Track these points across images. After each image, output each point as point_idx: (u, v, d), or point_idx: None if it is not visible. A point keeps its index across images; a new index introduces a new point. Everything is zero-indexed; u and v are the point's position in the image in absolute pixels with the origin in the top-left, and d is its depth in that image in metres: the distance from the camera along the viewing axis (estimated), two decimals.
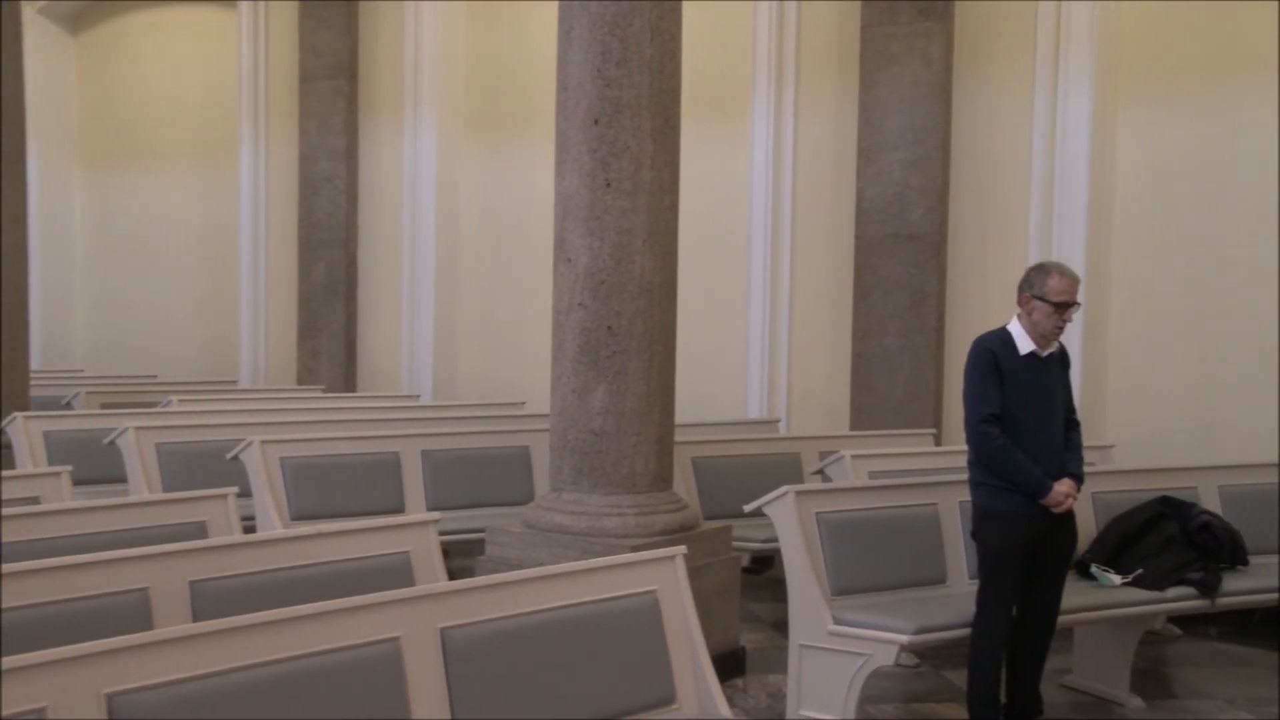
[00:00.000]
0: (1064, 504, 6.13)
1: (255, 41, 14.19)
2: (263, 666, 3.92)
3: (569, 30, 7.07)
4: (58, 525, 6.00)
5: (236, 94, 14.41)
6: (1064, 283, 6.12)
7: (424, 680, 4.28)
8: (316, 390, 12.95)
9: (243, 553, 5.41)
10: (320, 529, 5.88)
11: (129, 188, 15.90)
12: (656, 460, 7.11)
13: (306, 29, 13.58)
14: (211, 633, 3.91)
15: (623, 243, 6.93)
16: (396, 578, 5.52)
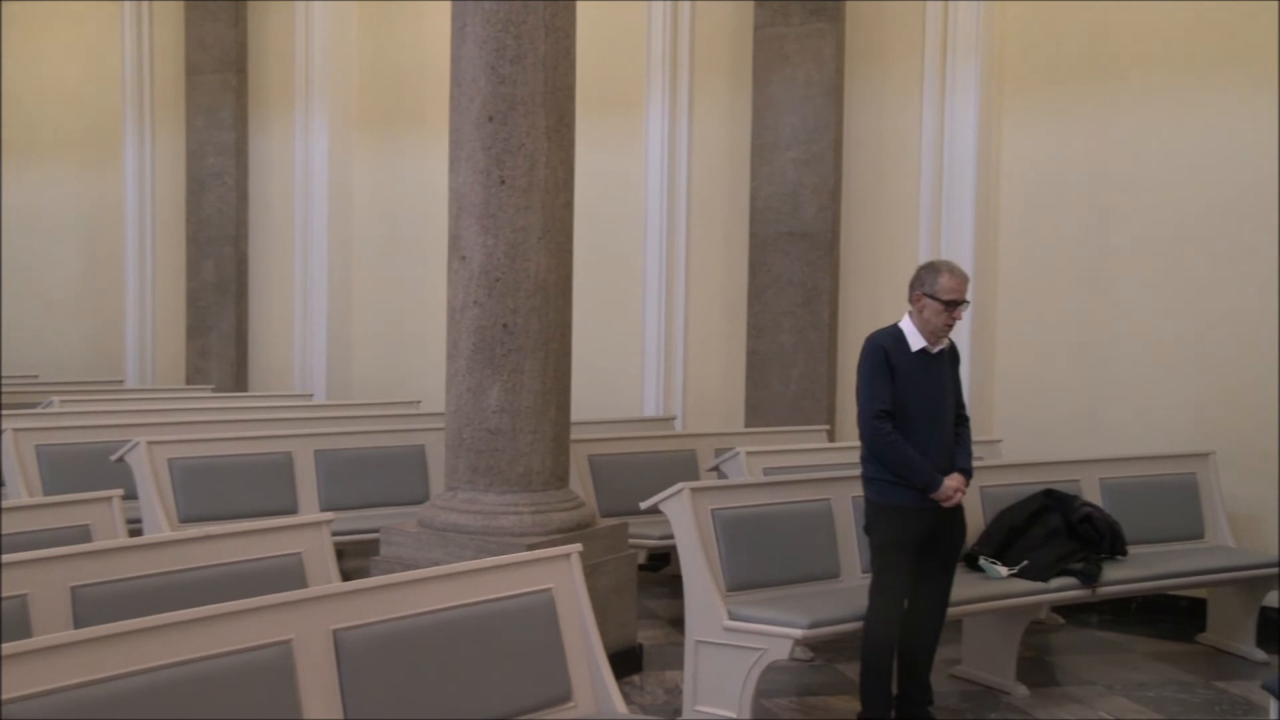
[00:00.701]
0: (953, 498, 6.21)
1: (139, 33, 13.97)
2: (150, 672, 3.85)
3: (463, 26, 7.05)
4: None
5: (120, 87, 14.18)
6: (954, 281, 6.19)
7: (316, 683, 4.24)
8: (206, 390, 12.76)
9: (128, 557, 5.31)
10: (209, 531, 5.80)
11: (7, 181, 15.55)
12: (552, 458, 7.11)
13: (193, 21, 13.40)
14: (94, 639, 3.82)
15: (518, 240, 6.92)
16: (289, 580, 5.47)
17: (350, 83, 12.99)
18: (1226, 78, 9.03)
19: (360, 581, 4.66)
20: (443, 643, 4.58)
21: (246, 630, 4.13)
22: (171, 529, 7.75)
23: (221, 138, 13.27)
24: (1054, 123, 9.67)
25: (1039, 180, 9.72)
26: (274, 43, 13.14)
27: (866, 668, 6.31)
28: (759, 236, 10.20)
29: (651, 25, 10.93)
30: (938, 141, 9.78)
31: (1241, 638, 8.27)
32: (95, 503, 6.38)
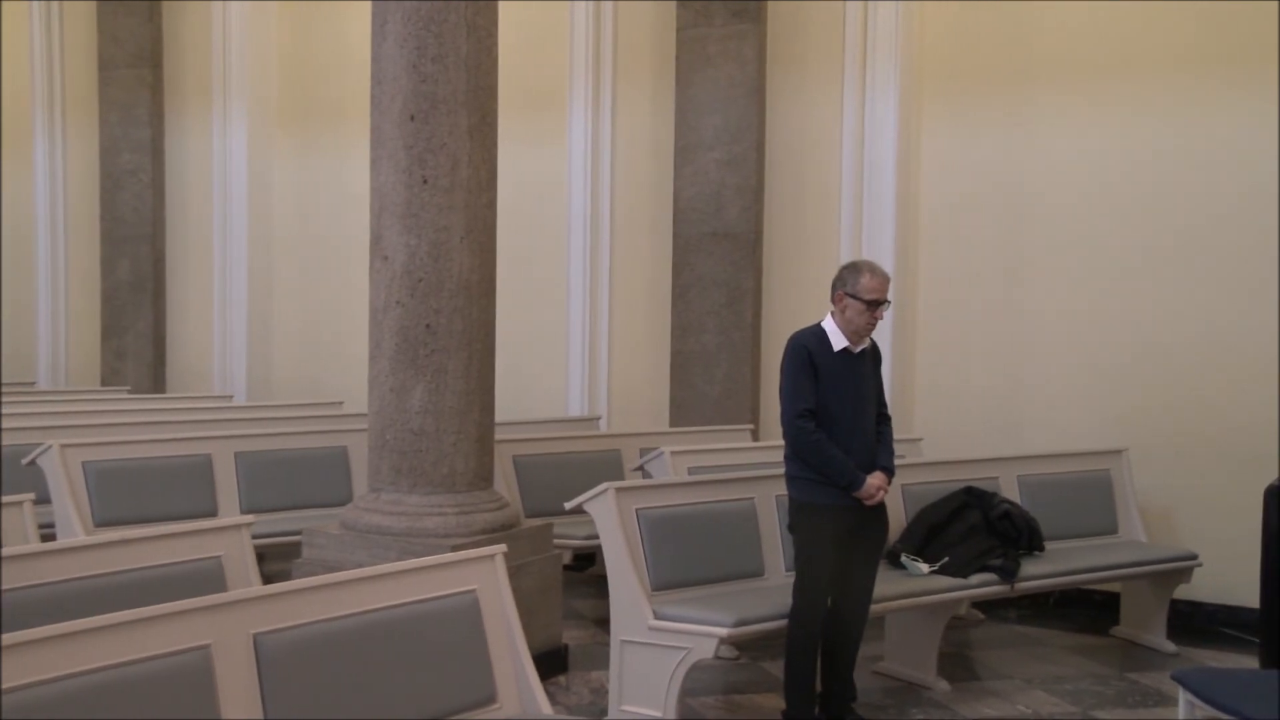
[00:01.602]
0: (876, 496, 6.24)
1: (49, 27, 13.80)
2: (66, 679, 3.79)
3: (384, 24, 7.02)
4: None
5: (29, 83, 14.00)
6: (875, 281, 6.22)
7: (236, 688, 4.20)
8: (122, 391, 12.63)
9: (41, 562, 5.22)
10: (126, 535, 5.72)
11: None
12: (476, 459, 7.09)
13: (105, 15, 13.24)
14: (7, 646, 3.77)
15: (440, 240, 6.90)
16: (208, 584, 5.42)
17: (269, 79, 12.90)
18: (1137, 82, 9.15)
19: (281, 585, 4.62)
20: (366, 646, 4.55)
21: (165, 635, 4.09)
22: (86, 533, 7.64)
23: (137, 134, 13.13)
24: (972, 125, 9.75)
25: (958, 181, 9.80)
26: (191, 37, 13.01)
27: (791, 665, 6.33)
28: (682, 237, 10.21)
29: (574, 25, 10.92)
30: (859, 143, 9.83)
31: (1154, 630, 8.40)
32: (5, 507, 6.25)
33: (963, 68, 9.78)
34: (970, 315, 9.72)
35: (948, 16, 9.82)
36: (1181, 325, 9.00)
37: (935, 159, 9.88)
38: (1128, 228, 9.19)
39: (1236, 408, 8.80)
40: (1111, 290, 9.24)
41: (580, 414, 10.75)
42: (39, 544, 5.97)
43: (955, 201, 9.81)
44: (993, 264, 9.65)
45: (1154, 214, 9.10)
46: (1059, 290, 9.42)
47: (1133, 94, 9.18)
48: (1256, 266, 8.75)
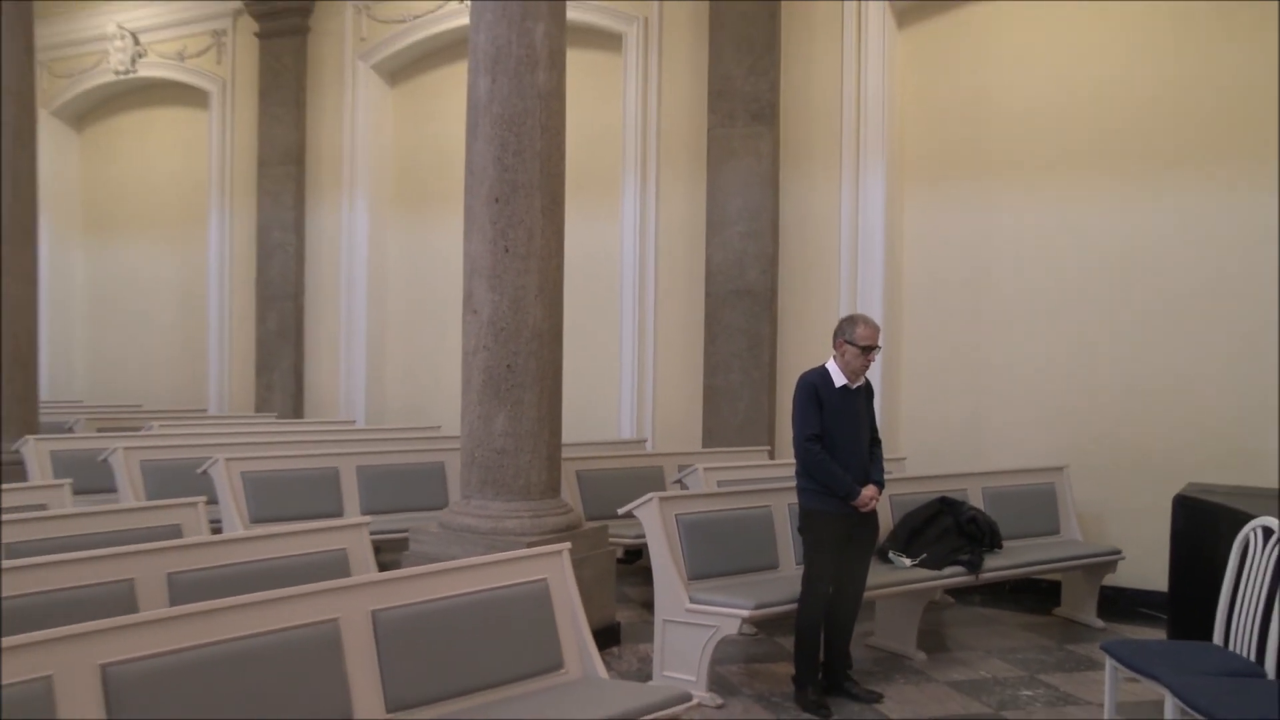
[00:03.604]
0: (869, 505, 6.23)
1: (223, 135, 13.98)
2: (227, 642, 3.90)
3: (475, 126, 7.07)
4: (61, 527, 5.92)
5: (207, 176, 14.18)
6: (869, 330, 6.24)
7: (359, 654, 4.25)
8: (271, 416, 12.71)
9: (211, 550, 5.34)
10: (273, 530, 5.81)
11: (120, 251, 15.59)
12: (547, 473, 7.10)
13: (264, 124, 13.40)
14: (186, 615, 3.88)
15: (519, 297, 6.93)
16: (336, 570, 5.48)
17: (386, 170, 13.02)
18: (1076, 171, 9.18)
19: (394, 572, 4.67)
20: (460, 621, 4.59)
21: (303, 610, 4.16)
22: (244, 528, 7.73)
23: (284, 216, 13.24)
24: (945, 206, 9.77)
25: (933, 251, 9.81)
26: (326, 139, 13.13)
27: (799, 640, 6.32)
28: (712, 294, 10.22)
29: (626, 125, 10.97)
30: (853, 219, 9.82)
31: (1086, 610, 8.42)
32: (185, 507, 6.40)
33: (937, 160, 9.80)
34: (944, 359, 9.70)
35: (925, 119, 9.85)
36: (1110, 370, 9.02)
37: (915, 233, 9.88)
38: (1068, 293, 9.21)
39: (1152, 435, 8.82)
40: (1056, 341, 9.24)
41: (630, 436, 10.73)
42: (210, 535, 6.10)
43: (932, 267, 9.80)
44: (962, 318, 9.64)
45: (1088, 282, 9.12)
46: (1014, 340, 9.42)
47: (1071, 182, 9.21)
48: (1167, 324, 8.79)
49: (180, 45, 14.26)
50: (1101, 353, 9.06)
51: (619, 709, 4.52)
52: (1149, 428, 8.83)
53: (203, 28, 14.03)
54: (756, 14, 10.08)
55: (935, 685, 6.77)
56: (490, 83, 6.98)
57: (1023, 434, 9.35)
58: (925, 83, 9.91)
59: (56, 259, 15.49)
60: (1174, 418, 8.74)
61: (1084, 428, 9.10)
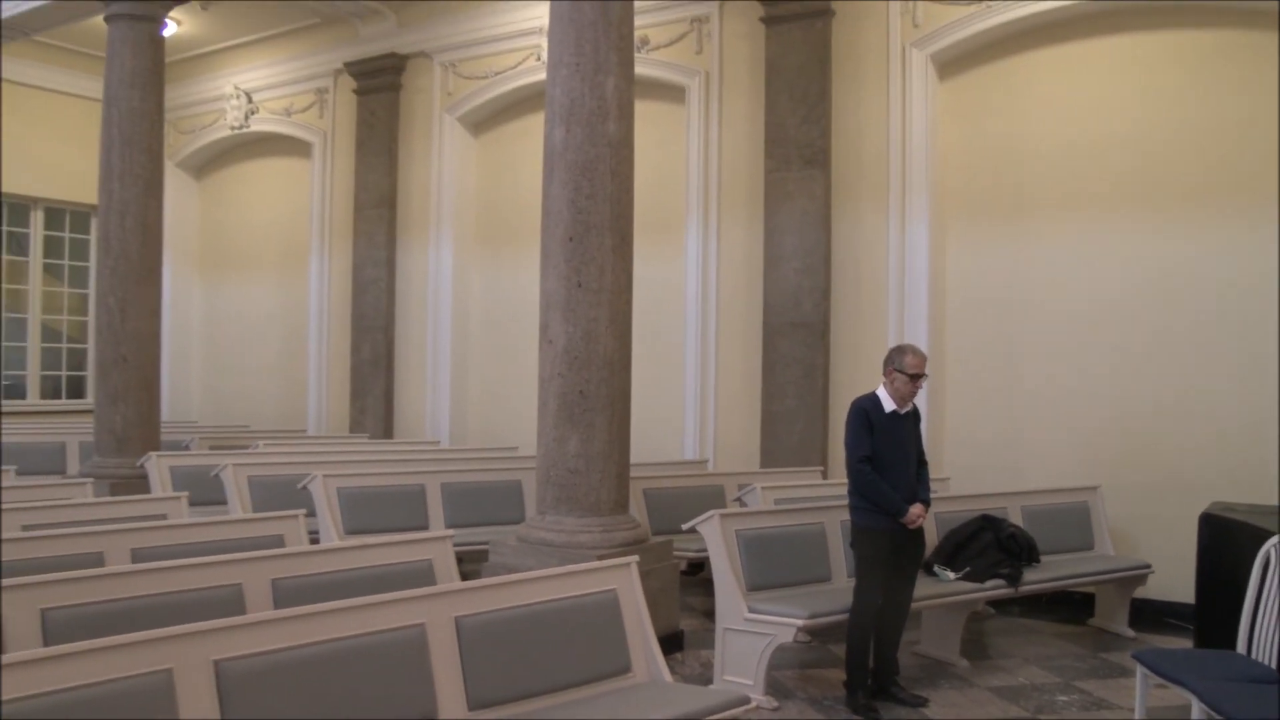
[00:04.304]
0: (916, 522, 6.18)
1: (323, 182, 14.17)
2: (325, 643, 3.95)
3: (551, 172, 7.12)
4: (178, 536, 6.05)
5: (309, 219, 14.39)
6: (917, 359, 6.20)
7: (443, 656, 4.27)
8: (364, 437, 12.81)
9: (310, 559, 5.40)
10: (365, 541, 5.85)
11: (232, 287, 15.85)
12: (616, 491, 7.10)
13: (360, 171, 13.57)
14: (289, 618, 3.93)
15: (591, 328, 6.95)
16: (422, 579, 5.51)
17: (469, 213, 13.13)
18: (1104, 206, 9.10)
19: (476, 581, 4.70)
20: (536, 628, 4.60)
21: (393, 615, 4.19)
22: (339, 539, 7.80)
23: (377, 254, 13.38)
24: (983, 240, 9.70)
25: (974, 284, 9.72)
26: (415, 185, 13.27)
27: (850, 648, 6.27)
28: (770, 325, 10.19)
29: (689, 169, 10.99)
30: (900, 254, 9.77)
31: (1119, 621, 8.29)
32: (287, 519, 6.49)
33: (977, 198, 9.74)
34: (986, 385, 9.59)
35: (965, 161, 9.79)
36: (1139, 393, 8.88)
37: (957, 266, 9.81)
38: (1099, 320, 9.09)
39: (1180, 455, 8.67)
40: (1088, 366, 9.12)
41: (693, 457, 10.69)
42: (309, 546, 6.16)
43: (972, 298, 9.71)
44: (1000, 346, 9.54)
45: (1117, 309, 9.01)
46: (1049, 365, 9.31)
47: (1099, 217, 9.12)
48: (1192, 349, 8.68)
49: (288, 102, 14.51)
50: (1130, 376, 8.93)
51: (682, 710, 4.50)
52: (1177, 447, 8.68)
53: (308, 86, 14.28)
54: (809, 68, 10.08)
55: (977, 690, 6.68)
56: (565, 132, 7.03)
57: (1058, 453, 9.21)
58: (965, 128, 9.85)
59: (178, 295, 15.76)
60: (1201, 438, 8.59)
61: (1115, 447, 8.95)
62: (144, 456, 9.50)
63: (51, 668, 3.31)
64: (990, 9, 9.42)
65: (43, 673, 3.29)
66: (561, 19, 7.11)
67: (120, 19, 10.57)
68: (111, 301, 10.35)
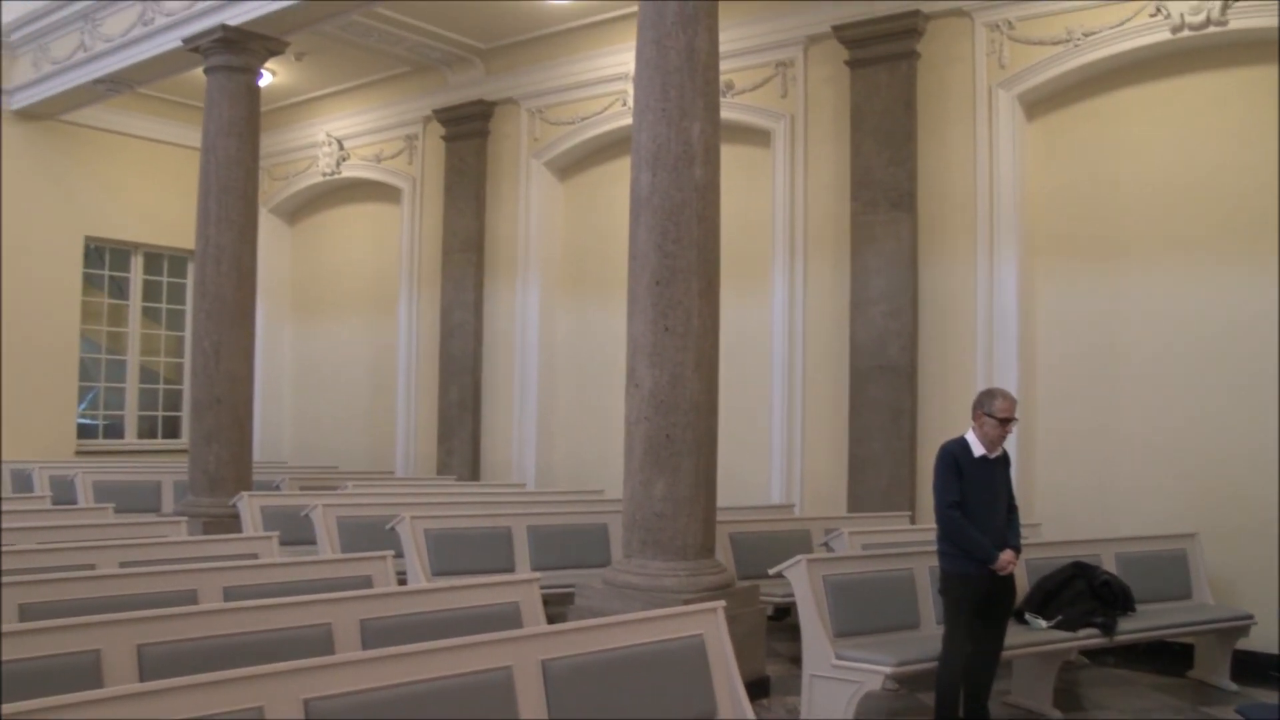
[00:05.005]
0: (1007, 568, 6.09)
1: (412, 226, 14.43)
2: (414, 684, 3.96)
3: (638, 216, 7.17)
4: (270, 575, 6.12)
5: (398, 263, 14.65)
6: (1006, 404, 6.14)
7: (530, 699, 4.27)
8: (451, 479, 12.95)
9: (398, 599, 5.43)
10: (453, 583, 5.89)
11: (323, 330, 16.17)
12: (703, 534, 7.08)
13: (448, 217, 13.80)
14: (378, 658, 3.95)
15: (678, 372, 6.96)
16: (509, 621, 5.52)
17: (555, 257, 13.26)
18: (1198, 248, 8.94)
19: (562, 624, 4.70)
20: (623, 671, 4.58)
21: (481, 657, 4.20)
22: (426, 580, 7.86)
23: (465, 298, 13.55)
24: (1074, 283, 9.57)
25: (1064, 326, 9.59)
26: (503, 230, 13.45)
27: (940, 697, 6.16)
28: (856, 369, 10.14)
29: (775, 212, 11.00)
30: (988, 297, 9.67)
31: (1220, 673, 8.02)
32: (375, 559, 6.54)
33: (1067, 240, 9.62)
34: (1076, 429, 9.42)
35: (1055, 202, 9.69)
36: (1236, 437, 8.65)
37: (1047, 309, 9.68)
38: (1194, 363, 8.90)
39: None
40: (1182, 410, 8.92)
41: (780, 501, 10.63)
42: (397, 586, 6.20)
43: (1063, 341, 9.57)
44: (1092, 389, 9.38)
45: (1212, 353, 8.82)
46: (1142, 409, 9.12)
47: (1193, 259, 8.96)
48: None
49: (378, 149, 14.83)
50: (1229, 419, 8.70)
51: None
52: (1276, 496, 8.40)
53: (397, 133, 14.58)
54: (894, 110, 10.07)
55: None
56: (651, 177, 7.09)
57: (1153, 499, 8.99)
58: (1054, 168, 9.75)
59: (270, 337, 16.08)
60: None
61: (1212, 493, 8.72)
62: (236, 496, 9.71)
63: (148, 703, 3.38)
64: (1078, 47, 9.35)
65: (140, 707, 3.35)
66: (647, 65, 7.19)
67: (219, 71, 10.94)
68: (206, 344, 10.63)
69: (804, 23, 10.81)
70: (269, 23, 10.77)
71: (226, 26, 10.78)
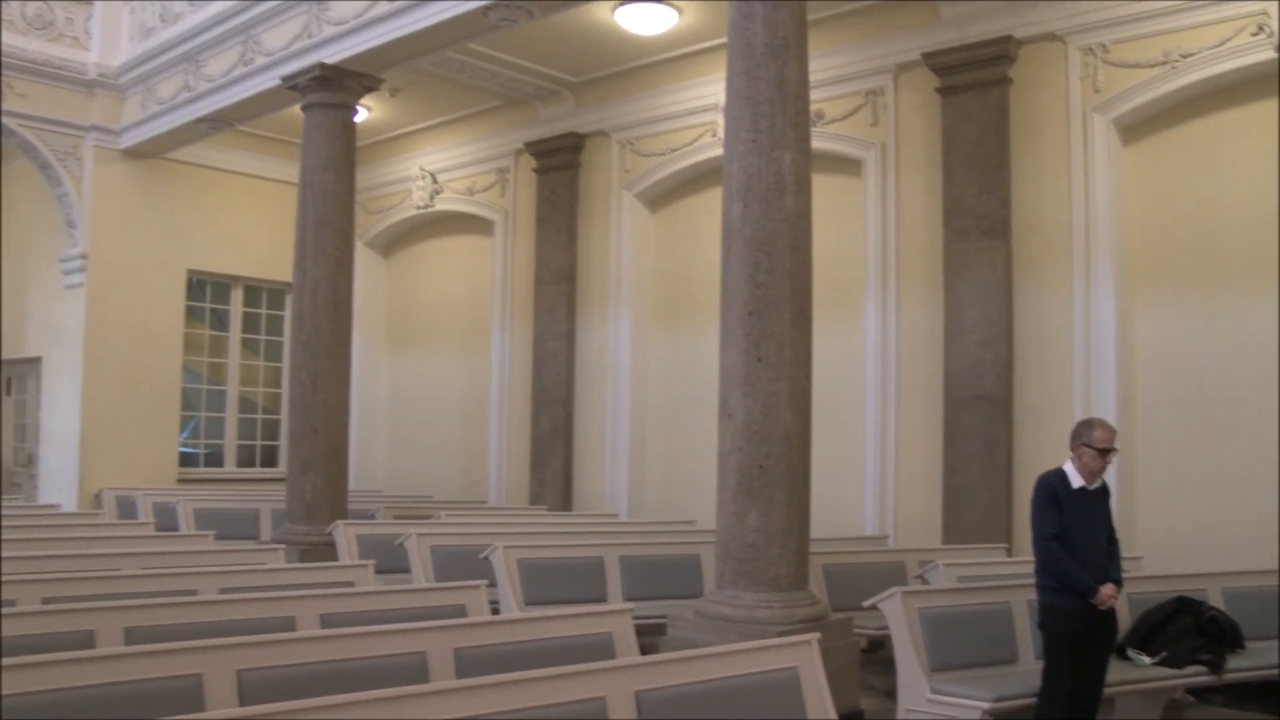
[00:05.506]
0: (1107, 602, 5.97)
1: (505, 258, 14.62)
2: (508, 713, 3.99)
3: (729, 247, 7.17)
4: (365, 603, 6.21)
5: (491, 294, 14.83)
6: (1105, 434, 6.04)
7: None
8: (543, 509, 13.00)
9: (491, 629, 5.48)
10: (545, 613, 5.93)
11: (416, 360, 16.42)
12: (796, 566, 7.02)
13: (540, 248, 13.96)
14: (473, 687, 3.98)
15: (770, 403, 6.94)
16: (601, 651, 5.53)
17: (647, 287, 13.36)
18: None
19: (655, 655, 4.71)
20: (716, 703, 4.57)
21: (574, 688, 4.22)
22: (519, 610, 7.91)
23: (557, 329, 13.67)
24: (1175, 310, 9.41)
25: (1165, 354, 9.41)
26: (594, 261, 13.56)
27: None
28: (951, 399, 10.03)
29: (867, 242, 10.97)
30: (1086, 326, 9.53)
31: None
32: (469, 589, 6.59)
33: (1167, 267, 9.46)
34: (1180, 460, 9.22)
35: (1154, 228, 9.54)
36: None
37: (1147, 337, 9.52)
38: None
39: None
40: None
41: (873, 533, 10.53)
42: (490, 616, 6.26)
43: (1164, 370, 9.39)
44: (1195, 420, 9.19)
45: None
46: (1251, 440, 8.87)
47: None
48: None
49: (470, 182, 15.06)
50: None
51: None
52: None
53: (490, 166, 14.81)
54: (986, 137, 9.98)
55: None
56: (743, 208, 7.10)
57: (1260, 532, 8.68)
58: (1152, 194, 9.59)
59: (365, 368, 16.33)
60: None
61: None
62: (332, 524, 9.87)
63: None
64: (1176, 69, 9.19)
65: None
66: (738, 96, 7.22)
67: (316, 108, 11.23)
68: (304, 375, 10.86)
69: (894, 51, 10.80)
70: (364, 60, 11.03)
71: (324, 65, 11.07)
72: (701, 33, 11.71)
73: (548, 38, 11.89)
